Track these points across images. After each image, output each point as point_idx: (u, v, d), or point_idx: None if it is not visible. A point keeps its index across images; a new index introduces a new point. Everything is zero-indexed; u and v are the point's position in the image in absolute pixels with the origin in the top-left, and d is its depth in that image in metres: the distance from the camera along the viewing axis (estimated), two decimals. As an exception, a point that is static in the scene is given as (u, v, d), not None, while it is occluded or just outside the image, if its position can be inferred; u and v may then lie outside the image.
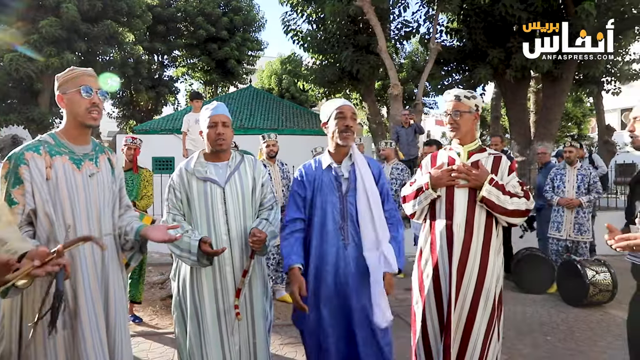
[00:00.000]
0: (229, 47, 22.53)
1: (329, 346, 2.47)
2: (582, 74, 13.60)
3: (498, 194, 2.45)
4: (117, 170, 2.25)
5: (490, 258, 2.50)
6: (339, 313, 2.47)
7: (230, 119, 2.63)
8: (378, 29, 10.60)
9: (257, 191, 2.66)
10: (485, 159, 2.61)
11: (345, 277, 2.47)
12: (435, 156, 2.76)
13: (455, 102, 2.59)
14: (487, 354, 2.47)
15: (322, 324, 2.48)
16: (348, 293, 2.46)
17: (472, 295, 2.46)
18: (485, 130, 26.12)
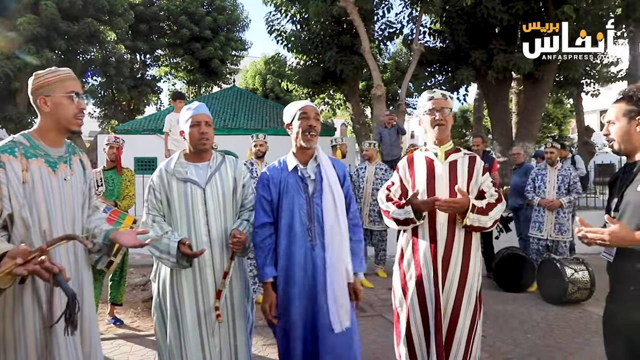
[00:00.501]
0: (212, 47, 22.43)
1: (297, 346, 2.46)
2: (563, 76, 13.84)
3: (479, 218, 2.47)
4: (88, 171, 2.22)
5: (471, 255, 2.55)
6: (307, 314, 2.46)
7: (212, 119, 2.62)
8: (362, 30, 10.64)
9: (238, 192, 2.64)
10: (461, 158, 2.63)
11: (313, 278, 2.46)
12: (412, 158, 2.72)
13: (443, 100, 2.61)
14: (471, 350, 2.52)
15: (291, 324, 2.47)
16: (315, 294, 2.44)
17: (455, 293, 2.49)
18: (468, 131, 26.40)
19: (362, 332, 4.34)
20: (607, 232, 1.80)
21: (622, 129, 1.99)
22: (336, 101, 17.41)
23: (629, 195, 1.96)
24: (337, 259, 2.45)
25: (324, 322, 2.41)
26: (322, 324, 2.42)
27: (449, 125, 2.63)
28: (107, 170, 4.76)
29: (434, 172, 2.60)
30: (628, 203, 1.95)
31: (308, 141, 2.49)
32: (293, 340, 2.45)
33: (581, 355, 3.91)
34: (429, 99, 2.63)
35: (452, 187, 2.53)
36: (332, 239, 2.46)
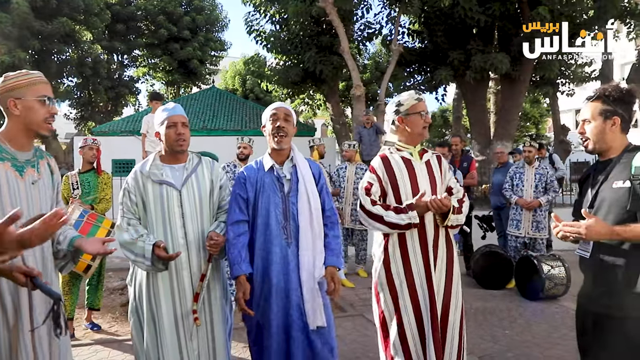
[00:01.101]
0: (191, 47, 22.23)
1: (272, 342, 2.50)
2: (539, 76, 14.09)
3: (457, 217, 2.62)
4: (56, 175, 2.17)
5: (453, 251, 2.67)
6: (282, 311, 2.51)
7: (188, 120, 2.60)
8: (341, 30, 10.67)
9: (215, 194, 2.62)
10: (431, 158, 2.76)
11: (288, 275, 2.51)
12: (386, 157, 2.71)
13: (425, 104, 2.70)
14: (463, 338, 2.61)
15: (267, 320, 2.51)
16: (289, 290, 2.50)
17: (444, 289, 2.58)
18: (447, 131, 26.67)
19: (343, 332, 4.37)
20: (584, 226, 1.85)
21: (597, 128, 2.04)
22: (316, 102, 17.42)
23: (604, 191, 2.00)
24: (311, 257, 2.52)
25: (297, 320, 2.48)
26: (296, 321, 2.48)
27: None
28: (83, 173, 4.66)
29: (414, 172, 2.65)
30: (603, 199, 2.00)
31: (278, 142, 2.55)
32: (268, 336, 2.50)
33: (557, 350, 3.98)
34: (417, 100, 2.67)
35: (432, 185, 2.63)
36: (306, 237, 2.52)
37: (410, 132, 2.69)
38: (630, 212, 1.87)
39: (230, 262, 2.50)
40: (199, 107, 16.83)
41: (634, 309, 1.86)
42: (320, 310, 2.50)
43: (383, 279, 2.64)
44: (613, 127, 2.01)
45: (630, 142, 2.06)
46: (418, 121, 2.66)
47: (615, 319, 1.91)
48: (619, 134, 2.03)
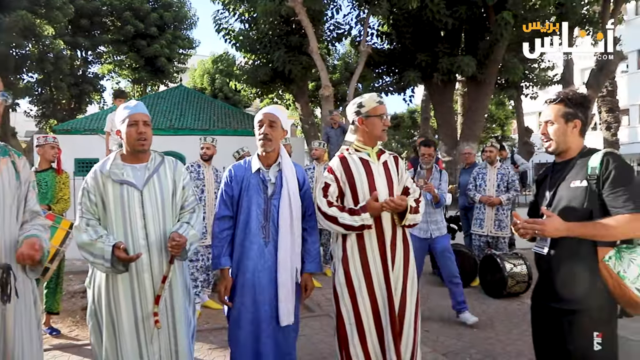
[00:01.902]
0: (158, 45, 21.78)
1: (241, 335, 2.62)
2: (504, 79, 14.44)
3: (414, 217, 2.68)
4: (23, 173, 2.08)
5: (410, 247, 2.73)
6: (254, 305, 2.61)
7: (150, 118, 2.54)
8: (309, 30, 10.66)
9: (177, 194, 2.57)
10: (388, 159, 2.80)
11: (263, 272, 2.62)
12: (344, 158, 2.75)
13: (385, 107, 2.75)
14: (417, 333, 2.70)
15: (242, 315, 2.62)
16: (263, 286, 2.61)
17: (401, 285, 2.64)
18: (416, 131, 27.03)
19: (310, 332, 4.37)
20: (543, 222, 1.93)
21: (560, 130, 2.11)
22: (285, 101, 17.37)
23: (562, 191, 2.08)
24: (288, 258, 2.62)
25: (268, 315, 2.61)
26: (267, 316, 2.61)
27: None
28: (40, 172, 4.49)
29: (372, 173, 2.69)
30: (561, 198, 2.08)
31: (261, 147, 2.67)
32: (243, 326, 2.62)
33: (518, 345, 4.08)
34: (379, 103, 2.71)
35: (389, 186, 2.69)
36: (285, 240, 2.62)
37: (369, 133, 2.73)
38: (587, 210, 1.95)
39: (212, 255, 2.69)
40: (166, 105, 16.51)
41: (587, 303, 1.94)
42: (291, 310, 2.63)
43: (342, 278, 2.67)
44: (574, 129, 2.09)
45: (585, 144, 2.14)
46: (378, 124, 2.70)
47: (570, 313, 1.98)
48: (577, 136, 2.11)
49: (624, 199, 1.87)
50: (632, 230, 1.85)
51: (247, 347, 2.62)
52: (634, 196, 1.86)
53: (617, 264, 1.85)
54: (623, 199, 1.87)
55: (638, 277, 1.79)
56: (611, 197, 1.91)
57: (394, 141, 29.35)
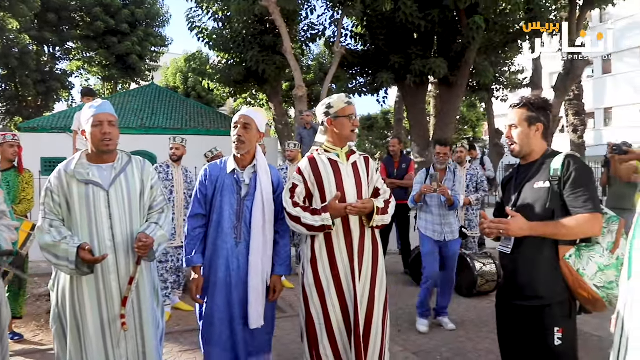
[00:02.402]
0: (130, 42, 21.39)
1: (214, 334, 2.65)
2: (475, 81, 14.69)
3: (383, 218, 2.69)
4: None
5: (379, 247, 2.74)
6: (226, 305, 2.65)
7: (116, 118, 2.48)
8: (283, 30, 10.62)
9: (145, 194, 2.54)
10: (358, 159, 2.80)
11: (233, 271, 2.65)
12: (313, 158, 2.76)
13: (354, 107, 2.75)
14: (385, 334, 2.70)
15: (215, 313, 2.65)
16: (234, 286, 2.64)
17: (369, 285, 2.64)
18: (389, 132, 27.27)
19: (281, 333, 4.35)
20: (507, 221, 2.00)
21: (523, 133, 2.19)
22: (259, 101, 17.27)
23: (526, 191, 2.15)
24: (259, 261, 2.66)
25: (239, 315, 2.64)
26: (238, 315, 2.64)
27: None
28: (2, 172, 4.34)
29: (340, 173, 2.70)
30: (525, 199, 2.15)
31: (235, 149, 2.71)
32: (211, 327, 2.65)
33: (488, 343, 4.15)
34: (347, 104, 2.71)
35: (358, 186, 2.69)
36: (257, 242, 2.65)
37: (338, 134, 2.74)
38: (549, 210, 2.03)
39: (185, 253, 2.72)
40: (137, 104, 16.20)
41: (549, 300, 2.01)
42: (261, 314, 2.65)
43: (311, 279, 2.67)
44: (537, 132, 2.17)
45: (548, 147, 2.21)
46: (346, 124, 2.71)
47: (532, 309, 2.05)
48: (540, 139, 2.18)
49: (584, 200, 1.94)
50: (591, 229, 1.92)
51: (222, 343, 2.64)
52: (592, 197, 1.94)
53: (577, 262, 1.92)
54: (583, 200, 1.94)
55: (596, 274, 1.87)
56: (572, 197, 1.98)
57: (367, 142, 29.54)
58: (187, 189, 5.19)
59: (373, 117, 29.34)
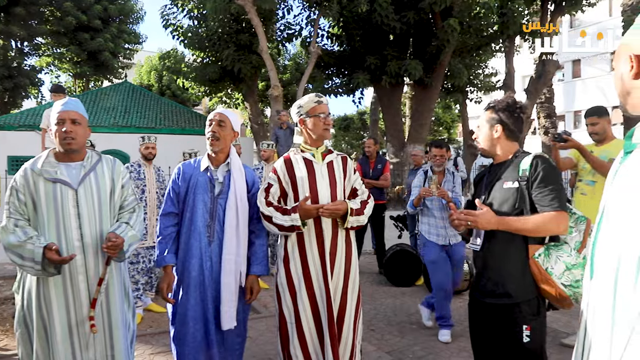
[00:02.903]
0: (102, 38, 20.93)
1: (187, 334, 2.60)
2: (450, 83, 14.91)
3: (358, 219, 2.67)
4: None
5: (352, 249, 2.73)
6: (200, 304, 2.61)
7: (83, 116, 2.42)
8: (259, 30, 10.58)
9: (116, 193, 2.49)
10: (335, 159, 2.79)
11: (206, 270, 2.62)
12: (289, 158, 2.77)
13: (327, 106, 2.75)
14: (357, 334, 2.70)
15: (186, 309, 2.61)
16: (207, 285, 2.61)
17: (342, 286, 2.64)
18: (365, 133, 27.43)
19: (255, 334, 4.32)
20: (476, 213, 2.05)
21: (484, 134, 2.27)
22: (234, 100, 17.15)
23: (496, 191, 2.20)
24: (233, 261, 2.62)
25: (212, 314, 2.61)
26: (211, 314, 2.61)
27: (330, 128, 2.78)
28: None
29: (314, 173, 2.69)
30: (495, 198, 2.20)
31: (209, 146, 2.70)
32: (185, 327, 2.60)
33: (460, 341, 4.20)
34: (317, 103, 2.71)
35: (332, 187, 2.68)
36: (230, 242, 2.62)
37: (311, 133, 2.73)
38: (518, 210, 2.07)
39: (157, 252, 2.67)
40: (110, 102, 15.88)
41: (517, 297, 2.05)
42: (233, 315, 2.61)
43: (283, 278, 2.68)
44: (496, 133, 2.22)
45: (519, 148, 2.26)
46: (317, 123, 2.70)
47: (502, 307, 2.09)
48: (504, 140, 2.23)
49: (550, 198, 1.99)
50: (556, 227, 1.97)
51: (197, 344, 2.60)
52: (559, 196, 1.99)
53: (545, 261, 1.97)
54: (549, 198, 1.99)
55: (563, 272, 1.92)
56: (539, 196, 2.02)
57: (343, 142, 29.65)
58: (160, 188, 5.11)
59: (349, 117, 29.48)
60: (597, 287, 1.40)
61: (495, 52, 15.85)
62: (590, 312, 1.42)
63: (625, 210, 1.31)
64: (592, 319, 1.40)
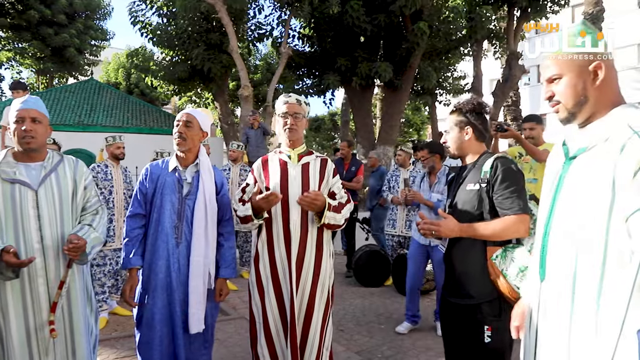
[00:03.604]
0: (67, 34, 20.28)
1: (154, 337, 2.56)
2: (420, 85, 15.12)
3: (334, 216, 2.63)
4: None
5: (323, 253, 2.70)
6: (167, 306, 2.57)
7: (43, 114, 2.36)
8: (230, 29, 10.48)
9: (78, 195, 2.43)
10: (313, 161, 2.77)
11: (173, 272, 2.58)
12: (267, 160, 2.80)
13: (297, 105, 2.70)
14: (324, 340, 2.69)
15: (155, 316, 2.56)
16: (174, 288, 2.57)
17: (309, 290, 2.62)
18: (336, 134, 27.55)
19: (223, 336, 4.29)
20: (439, 223, 2.08)
21: (454, 137, 2.30)
22: (204, 100, 16.95)
23: (460, 193, 2.25)
24: (201, 263, 2.62)
25: (180, 316, 2.57)
26: (179, 317, 2.57)
27: (300, 129, 2.74)
28: None
29: (287, 174, 2.69)
30: (459, 200, 2.24)
31: (176, 145, 2.66)
32: (151, 330, 2.56)
33: (427, 340, 4.27)
34: (283, 103, 2.71)
35: (304, 188, 2.65)
36: (199, 243, 2.60)
37: (280, 134, 2.76)
38: (479, 212, 2.12)
39: (123, 254, 2.62)
40: (75, 100, 15.45)
41: (479, 298, 2.09)
42: (201, 318, 2.59)
43: (253, 277, 2.71)
44: (467, 135, 2.26)
45: (486, 149, 2.30)
46: (280, 122, 2.73)
47: (466, 307, 2.13)
48: (474, 141, 2.27)
49: (510, 201, 2.02)
50: (517, 230, 2.00)
51: (164, 348, 2.56)
52: (519, 198, 2.02)
53: (501, 263, 2.01)
54: (509, 201, 2.02)
55: (517, 275, 1.94)
56: (500, 199, 2.06)
57: (314, 143, 29.70)
58: (127, 189, 5.01)
59: (320, 118, 29.54)
60: (550, 290, 1.44)
61: (464, 55, 16.15)
62: (541, 313, 1.46)
63: (581, 215, 1.34)
64: (544, 320, 1.45)
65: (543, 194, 1.55)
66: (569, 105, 1.44)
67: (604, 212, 1.27)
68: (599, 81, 1.40)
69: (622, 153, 1.24)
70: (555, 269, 1.41)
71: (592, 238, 1.30)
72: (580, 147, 1.41)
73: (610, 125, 1.34)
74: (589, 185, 1.32)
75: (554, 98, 1.48)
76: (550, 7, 13.88)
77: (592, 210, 1.30)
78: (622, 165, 1.23)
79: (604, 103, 1.40)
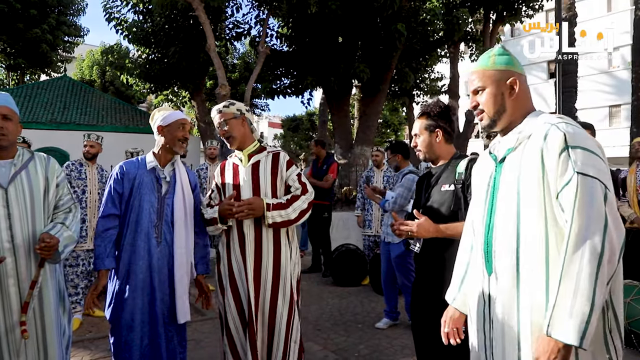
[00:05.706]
0: (39, 29, 19.77)
1: (135, 338, 2.54)
2: (397, 86, 15.25)
3: (280, 213, 2.63)
4: None
5: (282, 250, 2.71)
6: (148, 306, 2.57)
7: (14, 111, 2.30)
8: (207, 27, 10.38)
9: (50, 193, 2.39)
10: (264, 158, 2.78)
11: (154, 272, 2.57)
12: (224, 165, 2.88)
13: (221, 114, 2.75)
14: (291, 333, 2.73)
15: (133, 317, 2.54)
16: (155, 287, 2.57)
17: (271, 287, 2.67)
18: (314, 134, 27.56)
19: (200, 336, 4.28)
20: (415, 224, 2.12)
21: (425, 141, 2.35)
22: (181, 99, 16.76)
23: (434, 194, 2.28)
24: (184, 255, 2.64)
25: (161, 315, 2.58)
26: (160, 316, 2.57)
27: (233, 133, 2.73)
28: None
29: (238, 177, 2.75)
30: (433, 201, 2.27)
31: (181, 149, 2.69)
32: (131, 331, 2.54)
33: (403, 339, 4.32)
34: (213, 119, 2.81)
35: (255, 189, 2.70)
36: (180, 238, 2.62)
37: None
38: (454, 212, 2.15)
39: (95, 255, 2.56)
40: (48, 97, 15.10)
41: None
42: (187, 308, 2.64)
43: (217, 277, 2.81)
44: (437, 138, 2.32)
45: (457, 150, 2.35)
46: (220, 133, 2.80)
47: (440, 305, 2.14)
48: (444, 144, 2.32)
49: None
50: None
51: (144, 348, 2.55)
52: None
53: None
54: None
55: None
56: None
57: (292, 143, 29.66)
58: (102, 188, 4.93)
59: (298, 117, 29.54)
60: (499, 284, 1.51)
61: (441, 57, 16.35)
62: (492, 306, 1.54)
63: (522, 201, 1.46)
64: (495, 314, 1.52)
65: (477, 198, 1.67)
66: (491, 113, 1.62)
67: (539, 194, 1.41)
68: (514, 95, 1.61)
69: (546, 140, 1.43)
70: (502, 264, 1.50)
71: (533, 221, 1.42)
72: (508, 148, 1.57)
73: (530, 125, 1.54)
74: (523, 173, 1.47)
75: (478, 107, 1.66)
76: (524, 12, 14.18)
77: (529, 194, 1.44)
78: (547, 149, 1.42)
79: (520, 112, 1.61)
